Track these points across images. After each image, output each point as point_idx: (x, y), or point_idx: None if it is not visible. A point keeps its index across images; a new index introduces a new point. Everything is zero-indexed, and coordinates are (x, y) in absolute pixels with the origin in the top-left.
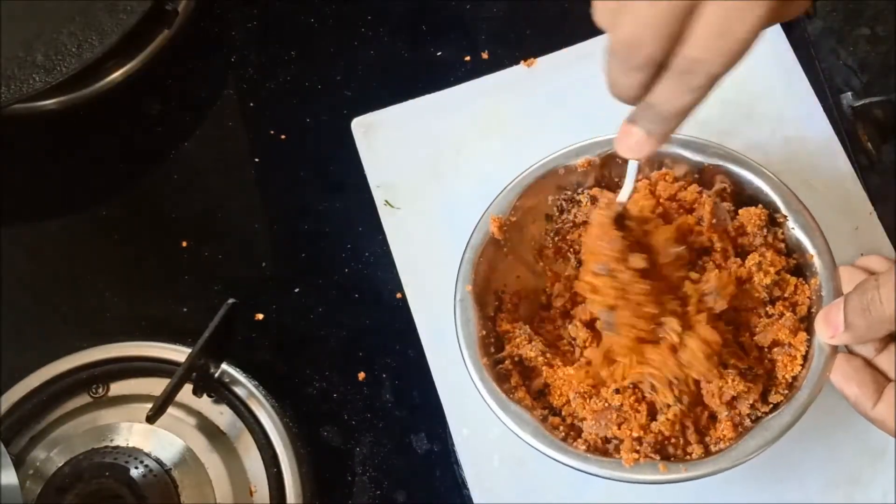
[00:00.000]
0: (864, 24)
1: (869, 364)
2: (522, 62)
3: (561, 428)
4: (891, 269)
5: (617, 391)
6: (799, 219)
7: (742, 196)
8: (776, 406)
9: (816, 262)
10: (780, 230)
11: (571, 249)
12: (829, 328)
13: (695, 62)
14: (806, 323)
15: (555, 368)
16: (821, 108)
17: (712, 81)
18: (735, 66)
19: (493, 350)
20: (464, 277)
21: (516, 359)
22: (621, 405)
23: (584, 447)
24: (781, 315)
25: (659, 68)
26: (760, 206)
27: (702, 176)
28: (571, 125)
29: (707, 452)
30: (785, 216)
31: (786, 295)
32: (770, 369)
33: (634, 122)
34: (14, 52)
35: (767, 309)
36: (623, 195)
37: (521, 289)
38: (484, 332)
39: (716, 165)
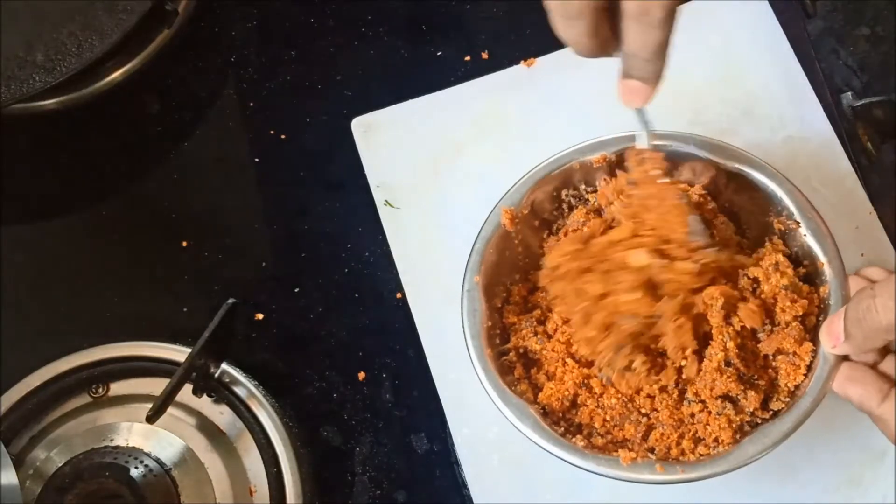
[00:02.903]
0: (864, 24)
1: (873, 368)
2: (522, 62)
3: (561, 423)
4: (888, 279)
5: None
6: (811, 225)
7: (756, 200)
8: (776, 413)
9: (826, 270)
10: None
11: None
12: (830, 338)
13: (643, 3)
14: (812, 333)
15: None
16: (821, 108)
17: (671, 11)
18: None
19: (497, 342)
20: (472, 268)
21: (521, 350)
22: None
23: (583, 444)
24: (788, 324)
25: (601, 12)
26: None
27: (716, 177)
28: (571, 125)
29: (706, 455)
30: (798, 223)
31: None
32: (772, 377)
33: (629, 76)
34: (14, 52)
35: (776, 317)
36: (642, 142)
37: (529, 281)
38: (490, 324)
39: (732, 168)
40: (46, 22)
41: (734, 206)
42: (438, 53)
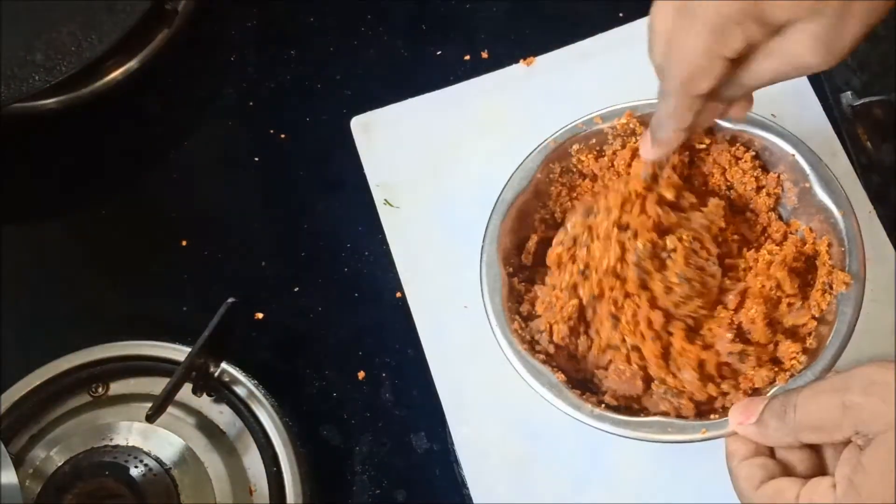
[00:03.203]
0: None
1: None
2: (522, 61)
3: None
4: (819, 383)
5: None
6: (822, 180)
7: (769, 160)
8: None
9: (842, 223)
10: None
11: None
12: (741, 415)
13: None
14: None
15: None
16: (820, 108)
17: (697, 104)
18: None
19: (516, 307)
20: (491, 238)
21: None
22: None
23: (601, 406)
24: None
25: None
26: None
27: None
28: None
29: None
30: (808, 181)
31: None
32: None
33: (650, 133)
34: (14, 51)
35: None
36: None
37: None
38: (507, 291)
39: (748, 132)
40: (46, 22)
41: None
42: (438, 53)
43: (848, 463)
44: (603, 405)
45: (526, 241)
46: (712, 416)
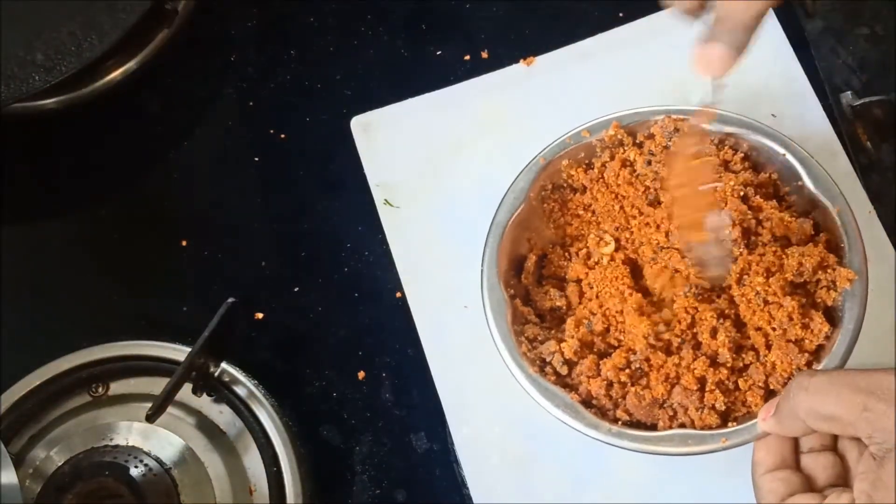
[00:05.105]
0: (863, 24)
1: (794, 449)
2: (522, 61)
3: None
4: (836, 374)
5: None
6: (815, 177)
7: (758, 161)
8: None
9: (835, 216)
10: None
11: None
12: (765, 411)
13: None
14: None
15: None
16: (820, 108)
17: None
18: None
19: (519, 329)
20: (490, 261)
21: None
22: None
23: (617, 423)
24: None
25: None
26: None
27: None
28: (570, 124)
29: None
30: (801, 180)
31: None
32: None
33: (713, 40)
34: (14, 51)
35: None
36: (699, 119)
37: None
38: (512, 311)
39: (735, 134)
40: (46, 22)
41: None
42: (438, 53)
43: (866, 478)
44: (620, 422)
45: (524, 261)
46: (730, 425)
